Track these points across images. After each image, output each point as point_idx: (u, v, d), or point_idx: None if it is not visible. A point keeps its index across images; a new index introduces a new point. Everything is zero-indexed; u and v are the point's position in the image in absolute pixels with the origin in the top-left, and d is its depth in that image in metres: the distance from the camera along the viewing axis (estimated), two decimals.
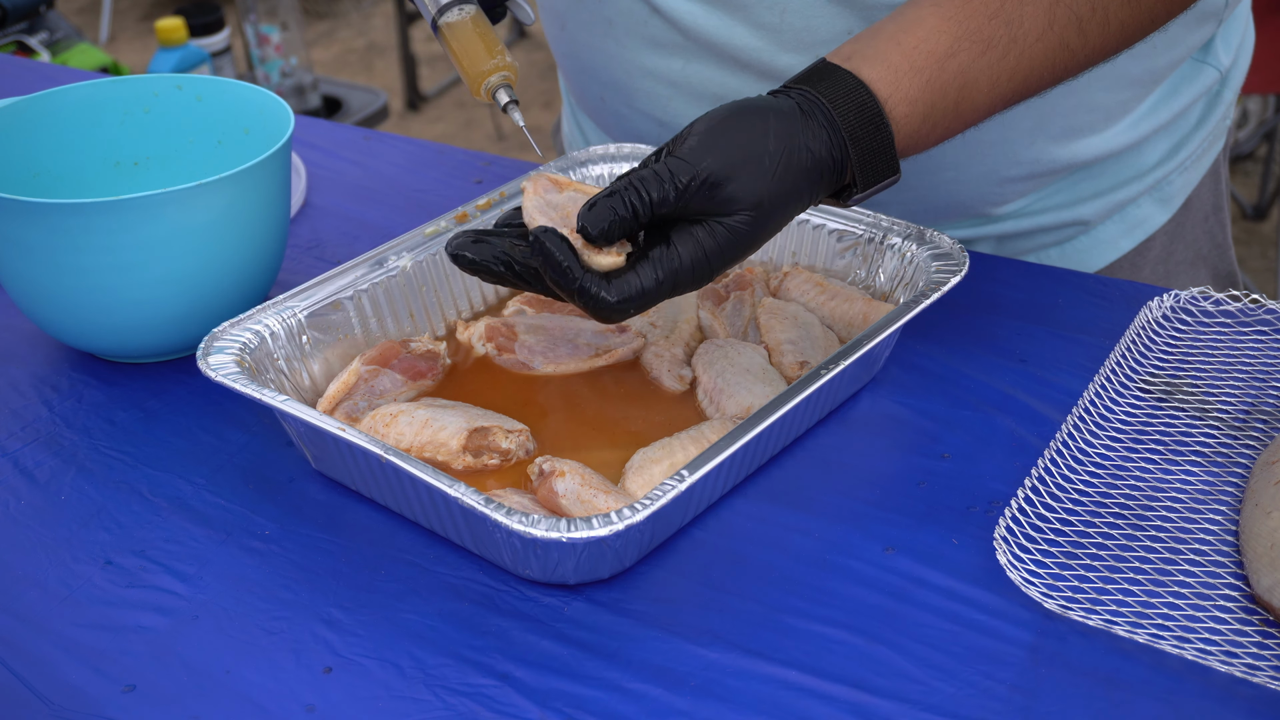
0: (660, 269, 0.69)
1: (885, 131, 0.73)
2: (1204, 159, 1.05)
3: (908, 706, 0.61)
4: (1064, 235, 1.02)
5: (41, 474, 0.79)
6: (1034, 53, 0.75)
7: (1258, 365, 0.84)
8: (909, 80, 0.73)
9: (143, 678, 0.64)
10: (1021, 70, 0.76)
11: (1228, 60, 1.01)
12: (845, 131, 0.72)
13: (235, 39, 2.92)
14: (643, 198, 0.68)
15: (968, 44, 0.74)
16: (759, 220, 0.70)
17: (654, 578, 0.70)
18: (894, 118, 0.73)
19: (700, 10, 0.91)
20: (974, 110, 0.76)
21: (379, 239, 0.98)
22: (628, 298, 0.68)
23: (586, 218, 0.68)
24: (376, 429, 0.76)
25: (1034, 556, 0.68)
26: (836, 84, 0.73)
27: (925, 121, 0.74)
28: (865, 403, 0.83)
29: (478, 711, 0.62)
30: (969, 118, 0.77)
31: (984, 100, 0.76)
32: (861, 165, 0.73)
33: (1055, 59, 0.76)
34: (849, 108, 0.72)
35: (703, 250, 0.69)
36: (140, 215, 0.80)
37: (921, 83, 0.73)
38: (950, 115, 0.75)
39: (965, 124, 0.77)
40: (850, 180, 0.74)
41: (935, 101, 0.74)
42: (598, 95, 1.03)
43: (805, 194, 0.72)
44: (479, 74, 0.76)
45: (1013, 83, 0.76)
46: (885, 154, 0.73)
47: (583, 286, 0.68)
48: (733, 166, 0.69)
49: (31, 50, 2.42)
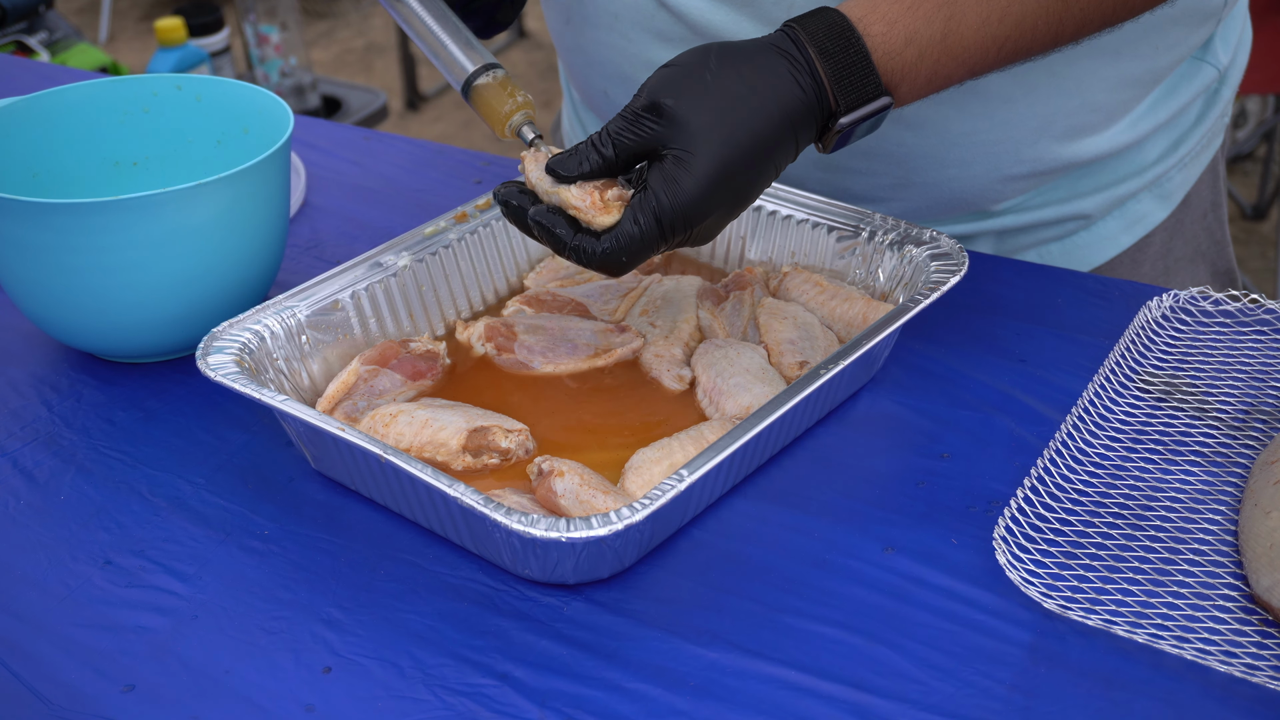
0: (641, 211, 0.70)
1: (858, 44, 0.72)
2: (1203, 156, 1.05)
3: (907, 706, 0.61)
4: (1065, 230, 1.02)
5: (41, 474, 0.79)
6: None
7: (1257, 365, 0.84)
8: (886, 5, 0.73)
9: (142, 678, 0.64)
10: (1014, 12, 0.75)
11: (1226, 59, 1.01)
12: (815, 49, 0.72)
13: (234, 39, 2.92)
14: (600, 136, 0.71)
15: None
16: (721, 143, 0.70)
17: (653, 578, 0.70)
18: (869, 35, 0.73)
19: (707, 4, 0.91)
20: (964, 47, 0.75)
21: (378, 239, 0.98)
22: (617, 246, 0.71)
23: (554, 158, 0.72)
24: (376, 429, 0.76)
25: (1033, 556, 0.69)
26: (809, 16, 0.73)
27: (909, 45, 0.74)
28: (865, 402, 0.83)
29: (477, 711, 0.62)
30: (960, 55, 0.76)
31: (974, 36, 0.75)
32: (839, 81, 0.72)
33: (1050, 8, 0.76)
34: (817, 27, 0.72)
35: (676, 182, 0.70)
36: (140, 215, 0.80)
37: (901, 9, 0.73)
38: (938, 46, 0.74)
39: (957, 63, 0.76)
40: (834, 105, 0.73)
41: (918, 28, 0.74)
42: (602, 89, 1.03)
43: (775, 114, 0.71)
44: (500, 117, 0.80)
45: (1004, 24, 0.75)
46: (863, 69, 0.72)
47: (575, 246, 0.72)
48: (672, 86, 0.70)
49: (31, 50, 2.42)
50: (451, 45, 0.81)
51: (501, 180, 1.10)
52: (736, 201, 0.73)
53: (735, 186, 0.72)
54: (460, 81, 0.81)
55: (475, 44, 0.81)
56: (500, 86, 0.80)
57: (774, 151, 0.72)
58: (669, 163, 0.70)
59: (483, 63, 0.80)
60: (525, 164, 0.75)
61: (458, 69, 0.81)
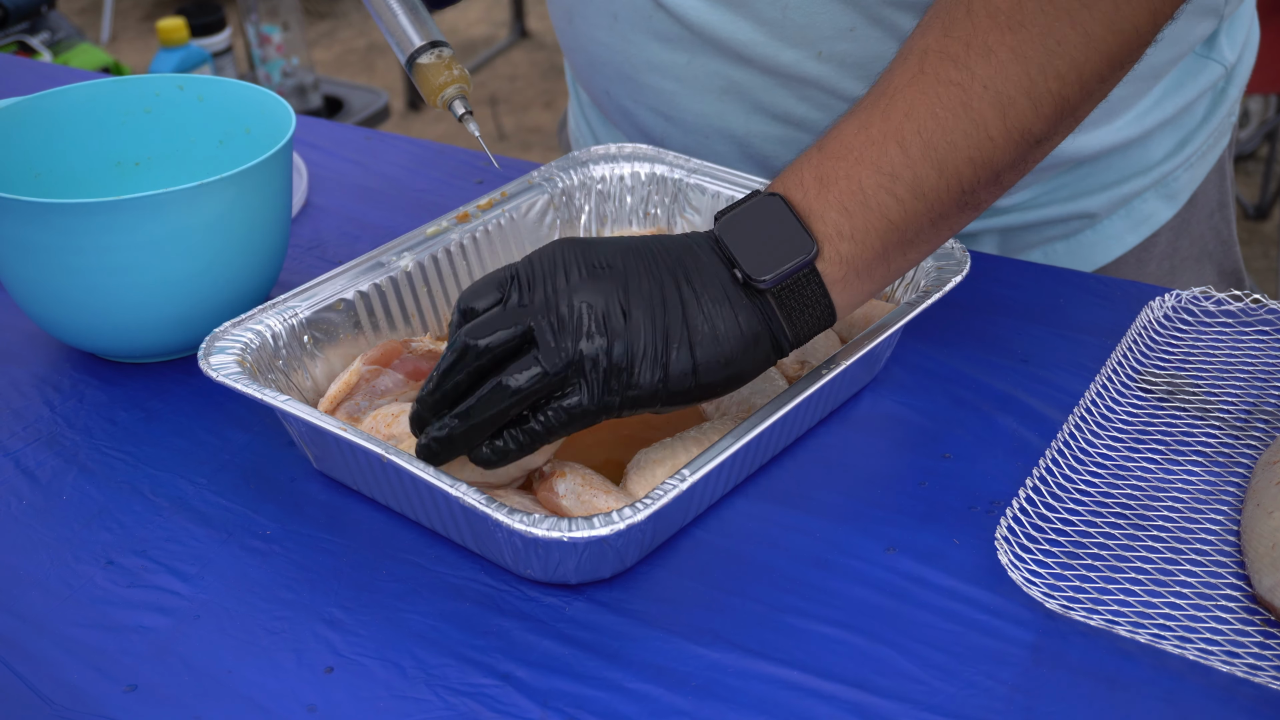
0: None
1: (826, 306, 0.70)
2: (1209, 155, 1.05)
3: (909, 706, 0.61)
4: (1070, 229, 1.02)
5: (43, 474, 0.79)
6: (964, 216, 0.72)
7: (1259, 366, 0.84)
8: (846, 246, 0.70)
9: (144, 678, 0.64)
10: (961, 224, 0.73)
11: (1233, 56, 1.01)
12: (784, 319, 0.69)
13: (236, 39, 2.92)
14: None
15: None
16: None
17: (655, 577, 0.70)
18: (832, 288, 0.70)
19: (704, 5, 0.92)
20: (909, 263, 0.73)
21: (380, 239, 0.98)
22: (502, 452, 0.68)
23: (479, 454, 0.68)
24: (378, 429, 0.76)
25: (1035, 557, 0.68)
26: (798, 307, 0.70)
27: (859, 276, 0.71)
28: (866, 403, 0.83)
29: (479, 711, 0.62)
30: (904, 268, 0.73)
31: (918, 255, 0.73)
32: (792, 324, 0.70)
33: (970, 201, 0.72)
34: (806, 316, 0.70)
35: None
36: (141, 215, 0.80)
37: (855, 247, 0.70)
38: (884, 265, 0.72)
39: (910, 261, 0.73)
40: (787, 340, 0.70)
41: (872, 263, 0.71)
42: (603, 89, 1.04)
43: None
44: (433, 89, 0.79)
45: (950, 233, 0.73)
46: (819, 309, 0.70)
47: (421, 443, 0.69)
48: None
49: (33, 50, 2.42)
50: (402, 18, 0.80)
51: (502, 180, 1.10)
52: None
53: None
54: (405, 55, 0.80)
55: (428, 21, 0.81)
56: (441, 64, 0.79)
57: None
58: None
59: (430, 39, 0.80)
60: None
61: (405, 42, 0.80)
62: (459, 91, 0.78)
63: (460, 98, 0.78)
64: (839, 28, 0.89)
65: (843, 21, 0.89)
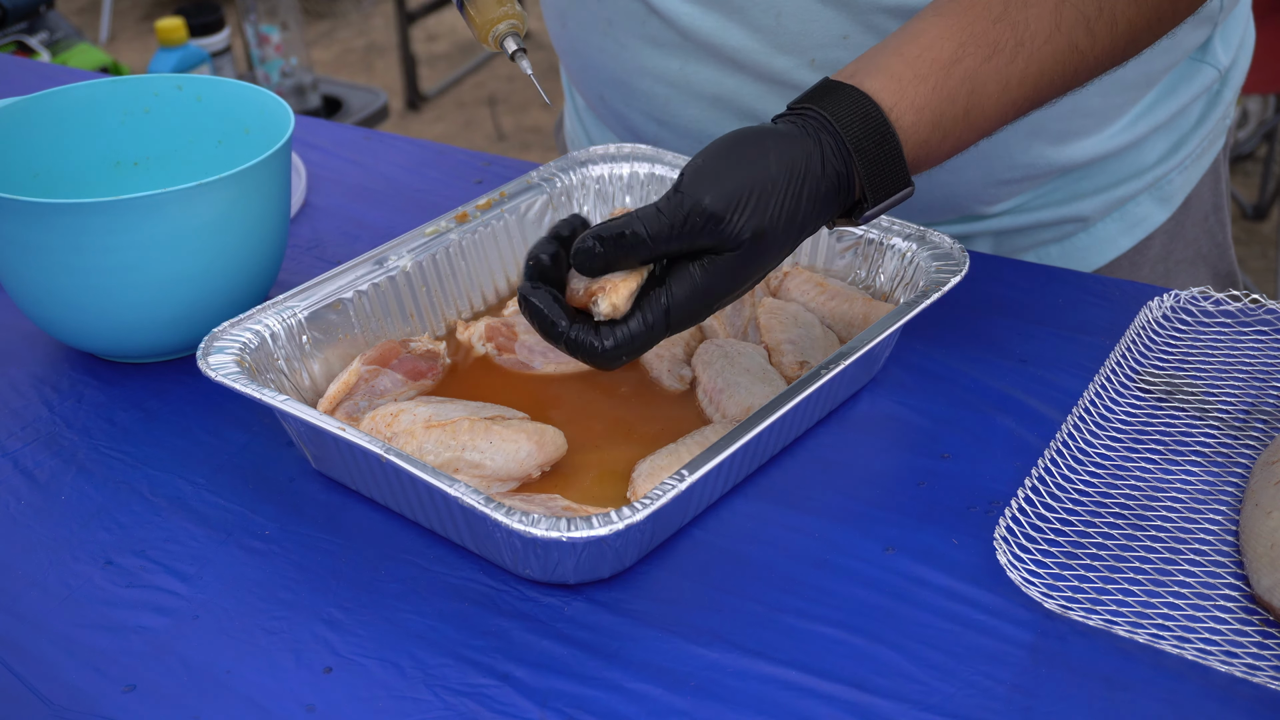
0: (651, 311, 0.67)
1: (892, 141, 0.70)
2: (1204, 158, 1.05)
3: (908, 706, 0.61)
4: (1063, 232, 1.02)
5: (42, 474, 0.79)
6: (1042, 55, 0.74)
7: (1258, 365, 0.84)
8: (914, 88, 0.71)
9: (143, 678, 0.64)
10: (1031, 74, 0.74)
11: (1227, 60, 1.00)
12: (851, 144, 0.69)
13: (235, 39, 2.92)
14: (635, 231, 0.66)
15: (973, 49, 0.72)
16: (758, 253, 0.67)
17: (654, 577, 0.70)
18: (901, 126, 0.71)
19: (697, 11, 0.91)
20: (985, 117, 0.74)
21: (379, 239, 0.98)
22: (618, 344, 0.67)
23: (578, 251, 0.67)
24: (378, 429, 0.76)
25: (1034, 556, 0.68)
26: (840, 99, 0.70)
27: (935, 130, 0.72)
28: (865, 403, 0.83)
29: (478, 711, 0.62)
30: (980, 125, 0.75)
31: (994, 106, 0.74)
32: (870, 178, 0.70)
33: (1065, 61, 0.75)
34: (853, 119, 0.70)
35: (697, 288, 0.67)
36: (140, 215, 0.80)
37: (927, 90, 0.71)
38: (961, 123, 0.73)
39: (977, 133, 0.75)
40: (860, 195, 0.71)
41: (943, 109, 0.72)
42: (598, 93, 1.03)
43: (812, 219, 0.69)
44: (486, 22, 0.74)
45: (1023, 87, 0.74)
46: (895, 165, 0.71)
47: (571, 338, 0.67)
48: (734, 200, 0.66)
49: (31, 50, 2.42)
50: None
51: (502, 180, 1.10)
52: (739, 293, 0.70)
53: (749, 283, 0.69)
54: None
55: None
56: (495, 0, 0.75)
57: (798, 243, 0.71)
58: (697, 268, 0.67)
59: None
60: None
61: None
62: (511, 28, 0.74)
63: (513, 34, 0.73)
64: (832, 35, 0.89)
65: (836, 29, 0.89)
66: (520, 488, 0.74)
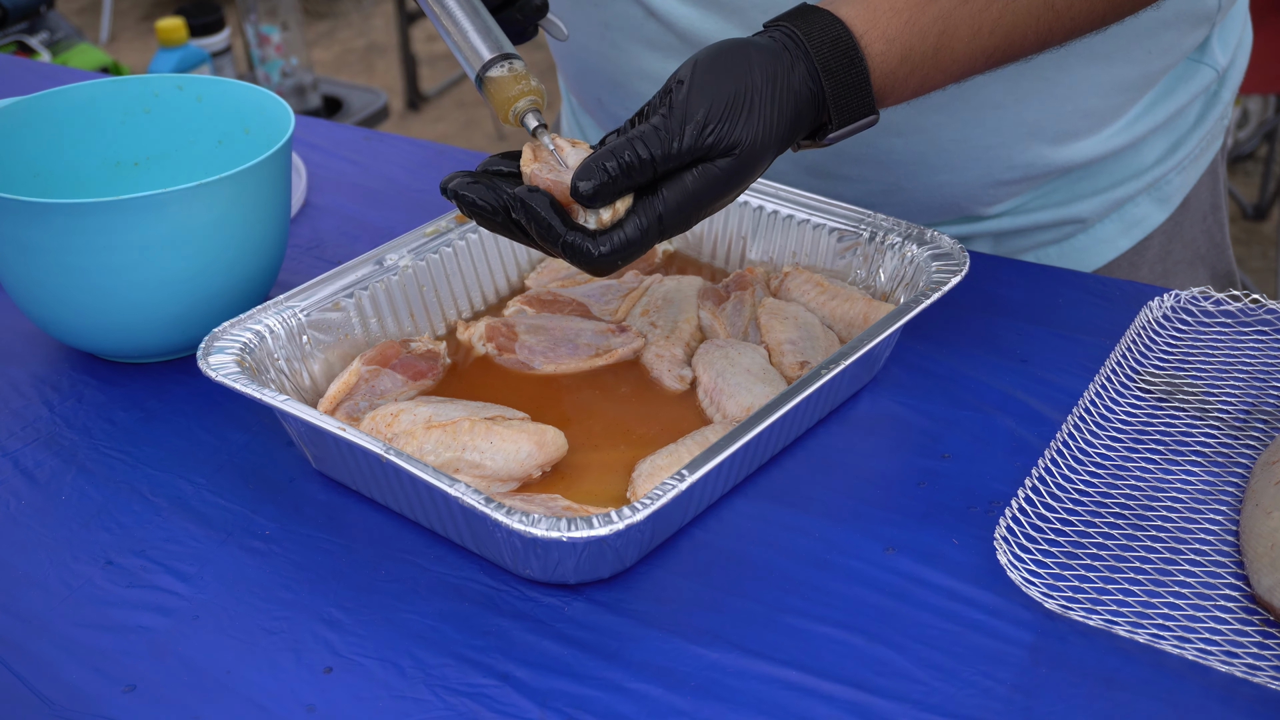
0: (645, 217, 0.69)
1: (860, 66, 0.72)
2: (1202, 159, 1.05)
3: (908, 706, 0.61)
4: (1062, 233, 1.02)
5: (42, 474, 0.79)
6: (1018, 6, 0.76)
7: (1258, 365, 0.84)
8: (887, 19, 0.73)
9: (143, 678, 0.64)
10: (1005, 23, 0.76)
11: (1225, 60, 1.00)
12: (819, 64, 0.72)
13: (236, 39, 2.92)
14: (641, 155, 0.68)
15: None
16: (746, 161, 0.70)
17: (654, 577, 0.70)
18: (870, 54, 0.73)
19: (696, 14, 0.91)
20: (954, 59, 0.76)
21: (379, 239, 0.98)
22: (614, 249, 0.69)
23: (581, 179, 0.68)
24: (378, 429, 0.76)
25: (1034, 556, 0.68)
26: (814, 20, 0.73)
27: (904, 63, 0.74)
28: (865, 403, 0.83)
29: (478, 711, 0.62)
30: (949, 67, 0.76)
31: (964, 49, 0.76)
32: (836, 100, 0.73)
33: (1040, 16, 0.76)
34: (824, 40, 0.72)
35: (689, 194, 0.70)
36: (140, 215, 0.80)
37: (900, 23, 0.73)
38: (929, 61, 0.75)
39: (945, 74, 0.77)
40: (826, 118, 0.74)
41: (913, 44, 0.74)
42: (595, 96, 1.03)
43: (790, 131, 0.72)
44: (505, 100, 0.75)
45: (994, 36, 0.76)
46: (860, 90, 0.73)
47: (568, 241, 0.69)
48: (725, 110, 0.69)
49: (32, 50, 2.42)
50: (471, 33, 0.77)
51: None
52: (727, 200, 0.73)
53: (737, 190, 0.72)
54: (475, 70, 0.77)
55: (496, 33, 0.77)
56: (514, 78, 0.76)
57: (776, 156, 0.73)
58: (689, 176, 0.70)
59: (500, 52, 0.76)
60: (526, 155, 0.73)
61: (474, 57, 0.77)
62: (531, 104, 0.75)
63: (533, 110, 0.75)
64: None
65: None
66: (520, 488, 0.74)
